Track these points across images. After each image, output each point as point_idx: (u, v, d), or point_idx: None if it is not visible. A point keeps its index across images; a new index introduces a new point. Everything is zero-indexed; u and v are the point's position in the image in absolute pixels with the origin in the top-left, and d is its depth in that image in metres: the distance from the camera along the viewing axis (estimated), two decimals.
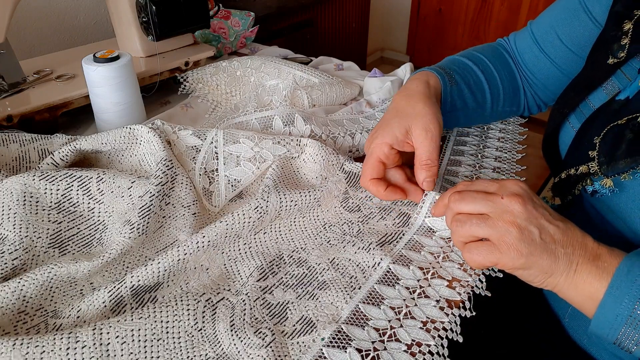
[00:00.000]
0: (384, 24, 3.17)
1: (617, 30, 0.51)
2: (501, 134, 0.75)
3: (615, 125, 0.47)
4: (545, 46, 0.65)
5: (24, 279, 0.45)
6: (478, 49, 0.71)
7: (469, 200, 0.44)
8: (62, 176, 0.53)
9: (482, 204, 0.43)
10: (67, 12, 1.18)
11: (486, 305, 0.48)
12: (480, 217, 0.43)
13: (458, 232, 0.44)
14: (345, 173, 0.61)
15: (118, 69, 0.66)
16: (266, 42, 1.12)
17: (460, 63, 0.66)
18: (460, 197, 0.45)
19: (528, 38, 0.67)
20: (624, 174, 0.46)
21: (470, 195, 0.44)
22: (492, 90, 0.67)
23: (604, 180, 0.48)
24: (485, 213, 0.43)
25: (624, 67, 0.50)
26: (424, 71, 0.63)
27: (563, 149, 0.57)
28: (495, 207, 0.42)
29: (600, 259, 0.41)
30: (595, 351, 0.54)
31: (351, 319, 0.44)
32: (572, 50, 0.63)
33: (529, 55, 0.68)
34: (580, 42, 0.61)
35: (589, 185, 0.49)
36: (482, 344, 0.62)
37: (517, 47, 0.70)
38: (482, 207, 0.43)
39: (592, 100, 0.54)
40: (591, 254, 0.41)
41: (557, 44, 0.64)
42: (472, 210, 0.43)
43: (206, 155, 0.61)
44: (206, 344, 0.42)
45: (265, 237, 0.54)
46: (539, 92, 0.70)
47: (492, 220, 0.42)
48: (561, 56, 0.64)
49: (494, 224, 0.42)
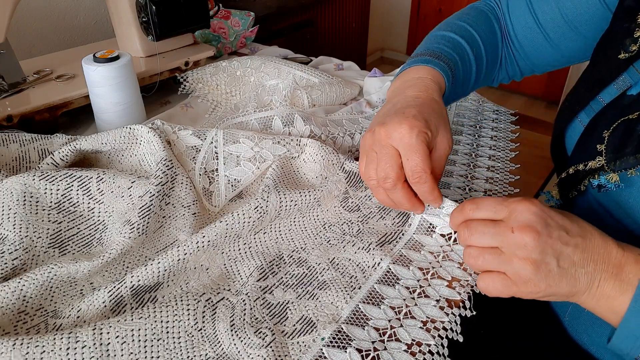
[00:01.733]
0: (384, 24, 3.17)
1: (630, 23, 0.50)
2: (494, 132, 0.75)
3: (626, 120, 0.46)
4: (542, 17, 0.62)
5: (24, 279, 0.45)
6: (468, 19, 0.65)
7: (478, 236, 0.42)
8: (62, 176, 0.53)
9: (493, 239, 0.41)
10: (67, 12, 1.18)
11: (486, 305, 0.48)
12: (492, 252, 0.41)
13: (471, 265, 0.43)
14: (346, 173, 0.61)
15: (118, 69, 0.66)
16: (266, 42, 1.12)
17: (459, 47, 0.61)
18: (469, 231, 0.42)
19: (524, 5, 0.63)
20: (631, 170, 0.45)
21: (478, 230, 0.42)
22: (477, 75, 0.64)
23: (610, 175, 0.47)
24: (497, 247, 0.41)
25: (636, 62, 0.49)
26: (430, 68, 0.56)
27: (570, 145, 0.56)
28: (506, 242, 0.40)
29: (623, 270, 0.40)
30: (595, 350, 0.54)
31: (351, 319, 0.44)
32: (570, 24, 0.60)
33: (520, 23, 0.64)
34: (582, 19, 0.59)
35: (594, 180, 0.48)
36: (482, 343, 0.62)
37: (509, 12, 0.65)
38: (493, 242, 0.41)
39: (602, 96, 0.53)
40: (614, 265, 0.40)
41: (555, 16, 0.61)
42: (483, 245, 0.42)
43: (206, 155, 0.61)
44: (206, 344, 0.42)
45: (265, 237, 0.54)
46: (520, 61, 0.67)
47: (505, 256, 0.40)
48: (556, 30, 0.61)
49: (508, 260, 0.40)
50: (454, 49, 0.60)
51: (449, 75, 0.56)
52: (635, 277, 0.39)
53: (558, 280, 0.39)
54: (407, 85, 0.54)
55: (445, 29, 0.64)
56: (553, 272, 0.39)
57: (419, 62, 0.56)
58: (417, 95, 0.51)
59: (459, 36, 0.61)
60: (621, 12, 0.52)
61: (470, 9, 0.69)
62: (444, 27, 0.65)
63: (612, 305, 0.40)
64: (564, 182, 0.55)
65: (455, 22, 0.64)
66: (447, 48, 0.59)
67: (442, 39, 0.61)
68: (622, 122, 0.47)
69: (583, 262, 0.40)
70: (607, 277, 0.40)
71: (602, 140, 0.48)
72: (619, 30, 0.52)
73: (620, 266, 0.40)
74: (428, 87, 0.53)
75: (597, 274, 0.40)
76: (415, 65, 0.56)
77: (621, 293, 0.39)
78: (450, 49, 0.59)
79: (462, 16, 0.66)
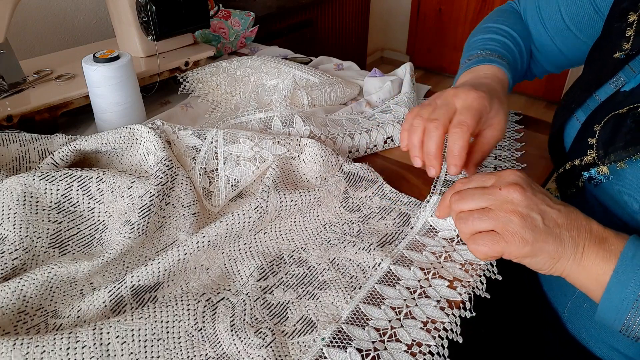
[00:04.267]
0: (384, 24, 3.17)
1: (622, 22, 0.52)
2: None
3: (616, 114, 0.48)
4: (548, 21, 0.66)
5: (24, 279, 0.45)
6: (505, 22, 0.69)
7: (468, 198, 0.44)
8: (62, 176, 0.53)
9: (482, 199, 0.43)
10: (67, 12, 1.18)
11: (486, 304, 0.48)
12: (481, 211, 0.43)
13: (462, 229, 0.44)
14: (345, 173, 0.61)
15: (118, 69, 0.66)
16: (266, 42, 1.12)
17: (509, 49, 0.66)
18: (460, 196, 0.45)
19: (534, 10, 0.68)
20: (620, 162, 0.46)
21: (468, 193, 0.44)
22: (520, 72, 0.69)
23: (600, 168, 0.48)
24: (486, 207, 0.43)
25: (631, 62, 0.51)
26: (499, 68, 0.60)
27: (568, 142, 0.57)
28: (494, 200, 0.42)
29: (607, 242, 0.41)
30: (593, 345, 0.54)
31: (351, 319, 0.44)
32: (571, 29, 0.64)
33: (534, 29, 0.69)
34: (581, 25, 0.62)
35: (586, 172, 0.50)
36: (482, 343, 0.62)
37: (526, 18, 0.70)
38: (481, 201, 0.43)
39: (599, 94, 0.54)
40: (597, 237, 0.41)
41: (559, 22, 0.65)
42: (473, 207, 0.44)
43: (206, 155, 0.61)
44: (206, 344, 0.42)
45: (266, 237, 0.54)
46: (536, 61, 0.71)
47: (493, 212, 0.42)
48: (560, 34, 0.65)
49: (496, 215, 0.42)
50: (505, 49, 0.65)
51: (511, 75, 0.62)
52: (617, 249, 0.40)
53: (544, 236, 0.41)
54: (481, 76, 0.59)
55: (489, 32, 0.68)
56: (539, 227, 0.41)
57: (486, 62, 0.61)
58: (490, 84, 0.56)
59: (504, 37, 0.67)
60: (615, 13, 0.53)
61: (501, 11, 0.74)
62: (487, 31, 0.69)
63: (596, 273, 0.40)
64: (562, 178, 0.56)
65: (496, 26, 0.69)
66: (500, 49, 0.64)
67: (493, 41, 0.66)
68: (612, 116, 0.48)
69: (567, 226, 0.41)
70: (590, 245, 0.41)
71: (594, 134, 0.49)
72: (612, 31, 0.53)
73: (603, 238, 0.41)
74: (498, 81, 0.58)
75: (580, 240, 0.41)
76: (483, 64, 0.61)
77: (605, 261, 0.40)
78: (503, 49, 0.64)
79: (498, 19, 0.71)
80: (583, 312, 0.54)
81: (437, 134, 0.49)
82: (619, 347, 0.51)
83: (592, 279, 0.41)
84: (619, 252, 0.40)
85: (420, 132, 0.50)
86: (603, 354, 0.53)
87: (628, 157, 0.45)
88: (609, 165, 0.48)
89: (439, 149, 0.49)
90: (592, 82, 0.55)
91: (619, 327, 0.40)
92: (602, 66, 0.54)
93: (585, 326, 0.54)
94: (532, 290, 0.63)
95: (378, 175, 0.62)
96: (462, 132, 0.48)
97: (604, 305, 0.40)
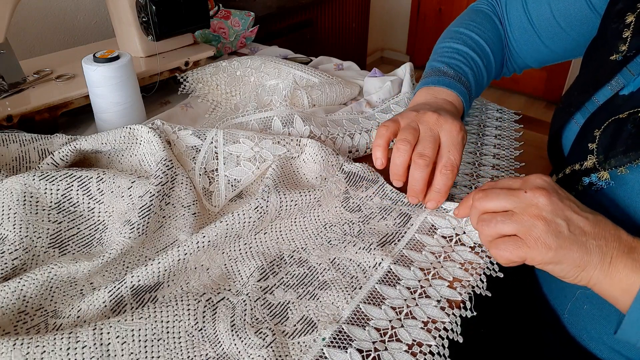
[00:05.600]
0: (384, 24, 3.17)
1: (619, 24, 0.51)
2: (497, 131, 0.75)
3: (616, 119, 0.47)
4: (535, 17, 0.65)
5: (24, 279, 0.45)
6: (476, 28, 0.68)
7: (493, 197, 0.43)
8: (62, 176, 0.53)
9: (506, 200, 0.42)
10: (67, 12, 1.18)
11: (486, 304, 0.48)
12: (505, 214, 0.42)
13: (484, 231, 0.43)
14: (345, 173, 0.61)
15: (118, 69, 0.66)
16: (266, 42, 1.12)
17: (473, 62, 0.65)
18: (484, 194, 0.44)
19: (520, 7, 0.67)
20: (621, 168, 0.46)
21: (494, 192, 0.43)
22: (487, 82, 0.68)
23: (601, 173, 0.48)
24: (510, 209, 0.42)
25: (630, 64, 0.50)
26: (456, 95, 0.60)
27: (567, 145, 0.57)
28: (519, 202, 0.41)
29: (636, 251, 0.39)
30: (594, 346, 0.54)
31: (352, 319, 0.44)
32: (561, 26, 0.63)
33: (517, 25, 0.67)
34: (573, 21, 0.62)
35: (586, 178, 0.49)
36: (483, 343, 0.62)
37: (507, 14, 0.69)
38: (506, 202, 0.42)
39: (597, 97, 0.53)
40: (626, 246, 0.40)
41: (547, 18, 0.63)
42: (496, 208, 0.43)
43: (206, 155, 0.61)
44: (207, 344, 0.42)
45: (266, 237, 0.54)
46: (516, 57, 0.70)
47: (518, 215, 0.41)
48: (548, 30, 0.64)
49: (520, 219, 0.40)
50: (469, 67, 0.64)
51: (467, 102, 0.61)
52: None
53: (569, 243, 0.39)
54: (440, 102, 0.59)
55: (458, 40, 0.67)
56: (564, 233, 0.39)
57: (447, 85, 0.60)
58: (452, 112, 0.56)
59: (471, 50, 0.66)
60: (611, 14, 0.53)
61: (475, 13, 0.72)
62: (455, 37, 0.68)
63: (625, 284, 0.39)
64: (561, 183, 0.55)
65: (466, 33, 0.68)
66: (464, 66, 0.64)
67: (457, 53, 0.65)
68: (612, 121, 0.47)
69: (594, 235, 0.40)
70: (619, 255, 0.39)
71: (594, 139, 0.49)
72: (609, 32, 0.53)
73: (632, 248, 0.40)
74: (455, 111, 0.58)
75: (609, 249, 0.40)
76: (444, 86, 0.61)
77: (634, 272, 0.39)
78: (467, 67, 0.64)
79: (469, 24, 0.69)
80: (583, 313, 0.54)
81: (427, 172, 0.51)
82: (619, 349, 0.51)
83: (620, 289, 0.40)
84: None
85: (406, 156, 0.51)
86: (604, 355, 0.53)
87: (629, 163, 0.45)
88: (609, 171, 0.47)
89: (426, 184, 0.52)
90: (590, 85, 0.55)
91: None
92: (599, 68, 0.54)
93: (585, 327, 0.54)
94: (532, 291, 0.63)
95: (379, 175, 0.62)
96: (452, 174, 0.50)
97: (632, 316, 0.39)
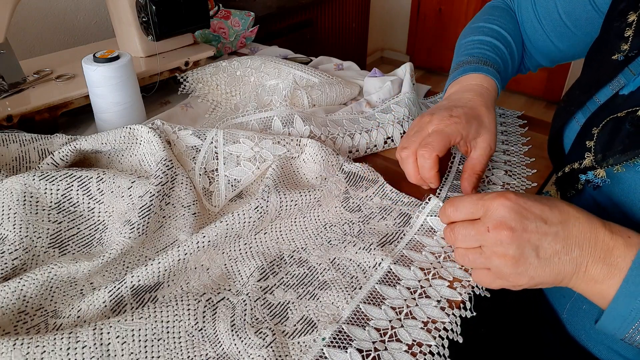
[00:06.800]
0: (384, 24, 3.17)
1: (621, 22, 0.51)
2: (503, 127, 0.75)
3: (615, 118, 0.47)
4: (544, 17, 0.66)
5: (24, 279, 0.45)
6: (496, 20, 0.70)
7: (462, 239, 0.44)
8: (62, 176, 0.53)
9: (474, 240, 0.43)
10: (67, 12, 1.18)
11: (486, 304, 0.48)
12: (475, 252, 0.44)
13: (461, 263, 0.47)
14: (345, 173, 0.61)
15: (118, 69, 0.66)
16: (266, 42, 1.12)
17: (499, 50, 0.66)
18: (452, 232, 0.46)
19: (529, 6, 0.68)
20: (617, 166, 0.46)
21: (461, 234, 0.44)
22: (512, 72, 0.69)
23: (597, 171, 0.48)
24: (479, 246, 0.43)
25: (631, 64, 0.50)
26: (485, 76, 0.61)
27: (568, 144, 0.57)
28: (485, 241, 0.42)
29: (612, 254, 0.40)
30: (592, 346, 0.54)
31: (352, 319, 0.44)
32: (568, 25, 0.63)
33: (528, 23, 0.69)
34: (579, 21, 0.62)
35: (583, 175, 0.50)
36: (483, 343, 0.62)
37: (520, 13, 0.70)
38: (474, 243, 0.44)
39: (598, 97, 0.53)
40: (602, 249, 0.40)
41: (555, 17, 0.64)
42: (465, 246, 0.45)
43: (206, 155, 0.61)
44: (207, 344, 0.42)
45: (266, 237, 0.54)
46: (530, 55, 0.71)
47: (486, 254, 0.42)
48: (556, 30, 0.65)
49: (489, 259, 0.42)
50: (494, 52, 0.65)
51: (499, 80, 0.62)
52: (624, 262, 0.39)
53: (540, 271, 0.41)
54: (467, 88, 0.60)
55: (479, 32, 0.68)
56: (533, 264, 0.41)
57: (472, 71, 0.62)
58: (472, 100, 0.58)
59: (494, 39, 0.67)
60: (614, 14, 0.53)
61: (492, 9, 0.73)
62: (477, 31, 0.69)
63: (600, 288, 0.40)
64: (561, 181, 0.55)
65: (486, 26, 0.69)
66: (489, 52, 0.65)
67: (482, 43, 0.67)
68: (610, 119, 0.48)
69: (567, 249, 0.41)
70: (594, 261, 0.40)
71: (592, 138, 0.49)
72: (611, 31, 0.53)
73: (609, 250, 0.40)
74: (483, 93, 0.59)
75: (583, 258, 0.40)
76: (469, 73, 0.62)
77: (609, 277, 0.40)
78: (491, 53, 0.65)
79: (488, 18, 0.70)
80: (582, 313, 0.54)
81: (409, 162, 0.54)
82: (618, 349, 0.51)
83: (595, 292, 0.41)
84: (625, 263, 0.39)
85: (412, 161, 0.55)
86: (602, 355, 0.53)
87: (626, 161, 0.45)
88: (606, 169, 0.47)
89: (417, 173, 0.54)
90: (592, 84, 0.55)
91: (622, 336, 0.40)
92: (600, 67, 0.54)
93: (584, 327, 0.54)
94: (531, 291, 0.63)
95: (379, 175, 0.62)
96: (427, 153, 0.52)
97: (609, 315, 0.40)
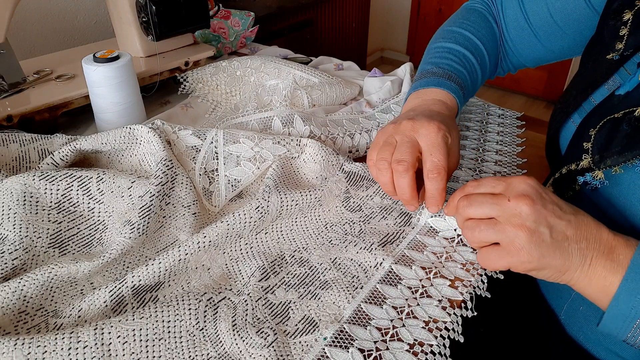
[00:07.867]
0: (384, 24, 3.17)
1: (616, 21, 0.51)
2: (500, 127, 0.75)
3: (612, 119, 0.47)
4: (532, 16, 0.64)
5: (24, 279, 0.44)
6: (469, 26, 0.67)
7: (476, 205, 0.43)
8: (62, 176, 0.53)
9: (490, 208, 0.42)
10: (67, 12, 1.18)
11: (486, 304, 0.48)
12: (488, 223, 0.42)
13: (469, 238, 0.44)
14: (345, 173, 0.61)
15: (118, 69, 0.66)
16: (266, 42, 1.12)
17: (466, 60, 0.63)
18: (468, 202, 0.44)
19: (516, 5, 0.66)
20: (615, 167, 0.46)
21: (477, 200, 0.43)
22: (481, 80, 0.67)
23: (595, 172, 0.48)
24: (494, 217, 0.42)
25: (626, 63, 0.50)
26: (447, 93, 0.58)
27: (564, 145, 0.57)
28: (502, 211, 0.41)
29: (615, 252, 0.40)
30: (591, 347, 0.54)
31: (353, 319, 0.44)
32: (558, 24, 0.62)
33: (513, 24, 0.67)
34: (570, 20, 0.61)
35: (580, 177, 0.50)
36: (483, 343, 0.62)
37: (503, 13, 0.68)
38: (489, 211, 0.42)
39: (594, 97, 0.53)
40: (606, 246, 0.41)
41: (545, 16, 0.63)
42: (480, 215, 0.43)
43: (206, 155, 0.61)
44: (208, 344, 0.42)
45: (267, 237, 0.54)
46: (512, 57, 0.69)
47: (501, 225, 0.41)
48: (546, 29, 0.63)
49: (503, 229, 0.41)
50: (462, 64, 0.63)
51: (460, 97, 0.59)
52: (626, 259, 0.40)
53: (552, 251, 0.40)
54: (430, 103, 0.57)
55: (450, 39, 0.66)
56: (546, 241, 0.40)
57: (435, 85, 0.59)
58: (440, 112, 0.55)
59: (464, 48, 0.64)
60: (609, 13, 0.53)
61: (468, 12, 0.70)
62: (448, 36, 0.66)
63: (602, 285, 0.40)
64: (558, 183, 0.55)
65: (459, 32, 0.66)
66: (456, 64, 0.62)
67: (449, 52, 0.64)
68: (608, 120, 0.47)
69: (576, 238, 0.41)
70: (598, 256, 0.40)
71: (589, 139, 0.49)
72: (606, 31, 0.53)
73: (612, 247, 0.41)
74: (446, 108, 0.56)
75: (589, 251, 0.41)
76: (432, 87, 0.59)
77: (612, 273, 0.40)
78: (459, 65, 0.62)
79: (463, 23, 0.68)
80: (580, 314, 0.54)
81: (407, 177, 0.48)
82: (616, 349, 0.51)
83: (598, 289, 0.41)
84: (627, 261, 0.39)
85: (388, 173, 0.49)
86: (601, 355, 0.53)
87: (624, 162, 0.45)
88: (604, 170, 0.47)
89: (413, 190, 0.49)
90: (588, 84, 0.54)
91: (624, 336, 0.40)
92: (596, 67, 0.54)
93: (582, 328, 0.54)
94: (530, 291, 0.63)
95: None
96: (440, 177, 0.48)
97: (611, 313, 0.40)
